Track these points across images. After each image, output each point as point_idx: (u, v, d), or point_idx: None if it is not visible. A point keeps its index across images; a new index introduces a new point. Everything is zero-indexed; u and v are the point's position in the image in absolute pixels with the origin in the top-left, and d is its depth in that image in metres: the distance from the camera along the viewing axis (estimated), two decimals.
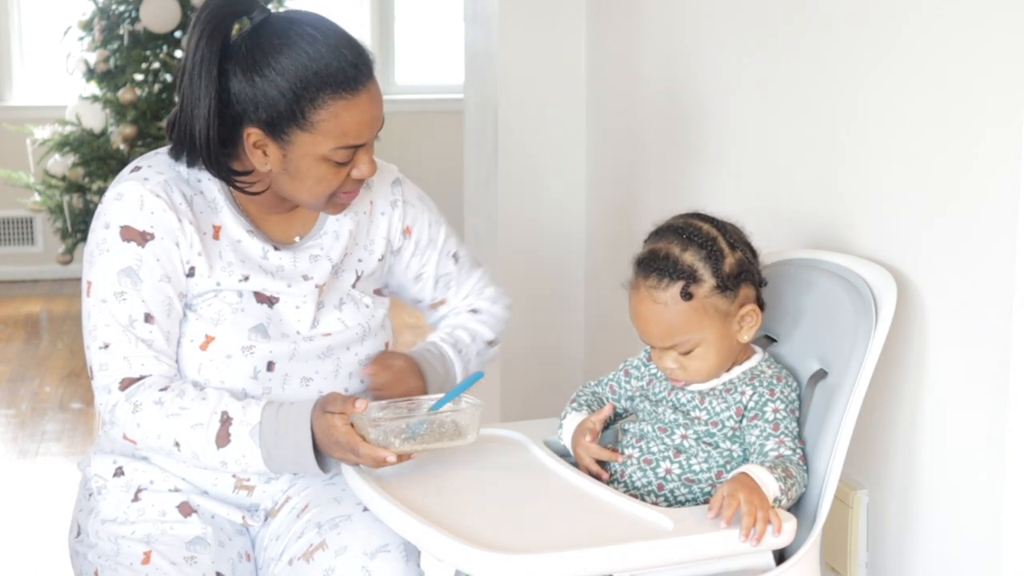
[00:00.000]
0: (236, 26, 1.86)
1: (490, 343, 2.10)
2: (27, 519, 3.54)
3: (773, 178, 2.24)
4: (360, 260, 2.01)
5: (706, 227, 1.77)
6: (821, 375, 1.81)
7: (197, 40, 1.81)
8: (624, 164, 2.99)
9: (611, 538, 1.63)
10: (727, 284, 1.74)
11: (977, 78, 1.66)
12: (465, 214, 3.66)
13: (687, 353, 1.76)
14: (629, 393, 1.91)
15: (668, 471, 1.79)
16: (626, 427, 1.87)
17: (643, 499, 1.78)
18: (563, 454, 1.92)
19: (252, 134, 1.83)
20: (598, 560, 1.60)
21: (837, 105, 2.01)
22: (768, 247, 2.11)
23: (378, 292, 2.04)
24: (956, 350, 1.74)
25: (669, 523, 1.66)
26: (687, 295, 1.73)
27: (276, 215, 1.96)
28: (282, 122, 1.81)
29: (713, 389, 1.79)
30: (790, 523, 1.66)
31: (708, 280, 1.73)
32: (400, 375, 1.95)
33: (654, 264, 1.74)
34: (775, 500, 1.67)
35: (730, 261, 1.75)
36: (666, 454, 1.79)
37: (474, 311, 2.11)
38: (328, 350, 1.94)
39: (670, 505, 1.77)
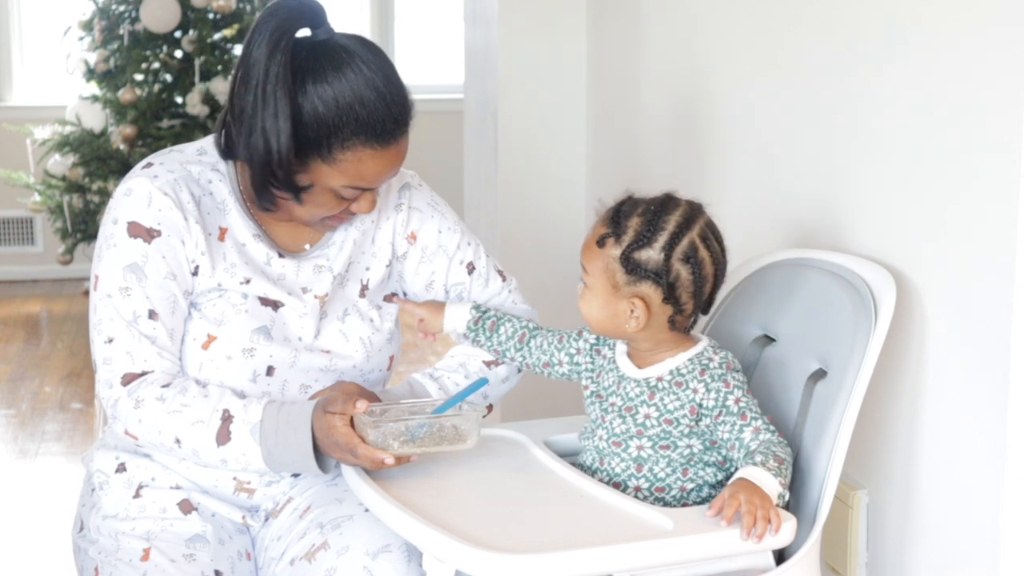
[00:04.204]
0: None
1: (489, 363, 2.03)
2: (27, 519, 3.54)
3: (773, 177, 2.24)
4: (368, 268, 2.01)
5: (673, 218, 1.76)
6: (820, 375, 1.81)
7: (269, 53, 1.78)
8: (624, 164, 2.99)
9: (611, 538, 1.63)
10: (629, 265, 1.75)
11: (977, 78, 1.66)
12: (465, 214, 3.66)
13: (586, 288, 1.81)
14: (573, 351, 1.91)
15: (637, 489, 1.79)
16: (583, 441, 1.86)
17: None
18: (563, 454, 1.92)
19: None
20: (598, 560, 1.60)
21: (837, 105, 2.01)
22: (768, 247, 2.11)
23: (390, 299, 2.04)
24: (956, 350, 1.74)
25: (669, 523, 1.66)
26: (601, 241, 1.78)
27: (286, 222, 1.96)
28: (307, 147, 1.81)
29: (660, 380, 1.78)
30: (790, 523, 1.66)
31: (620, 247, 1.76)
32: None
33: (619, 205, 1.81)
34: (779, 496, 1.67)
35: (650, 255, 1.75)
36: (630, 471, 1.79)
37: None
38: (329, 363, 1.95)
39: None
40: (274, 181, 1.84)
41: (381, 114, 1.80)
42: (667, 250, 1.74)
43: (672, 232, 1.75)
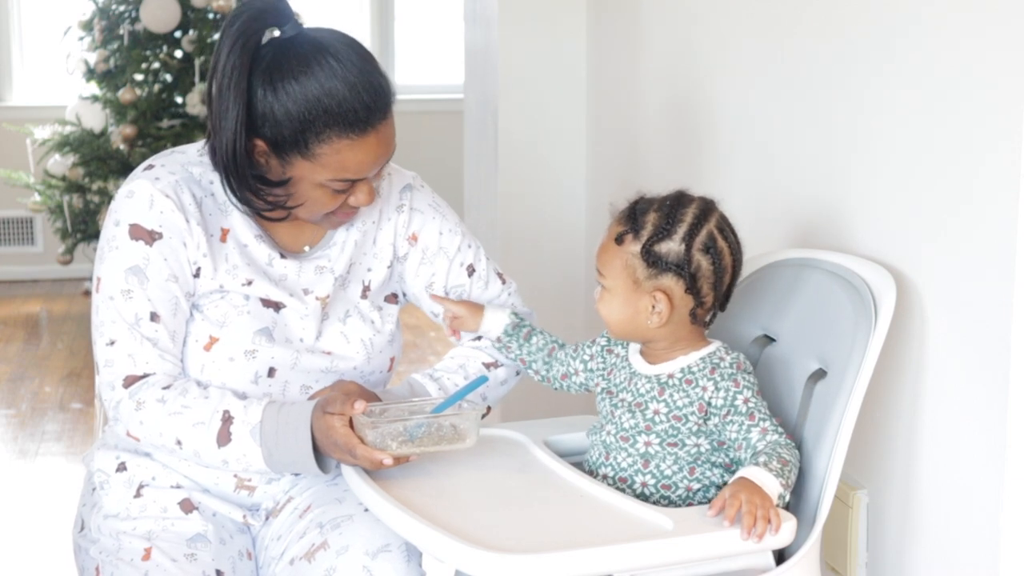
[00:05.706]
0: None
1: (488, 365, 2.04)
2: (27, 519, 3.54)
3: (773, 177, 2.24)
4: (369, 269, 2.01)
5: (690, 211, 1.78)
6: (820, 375, 1.81)
7: (228, 51, 1.80)
8: (624, 164, 2.99)
9: (611, 538, 1.63)
10: (650, 259, 1.76)
11: (977, 78, 1.66)
12: (465, 214, 3.66)
13: (604, 290, 1.82)
14: (587, 357, 1.92)
15: (644, 485, 1.79)
16: (591, 437, 1.86)
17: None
18: (563, 454, 1.92)
19: (258, 145, 1.84)
20: (598, 560, 1.60)
21: (838, 104, 2.01)
22: (767, 247, 2.11)
23: (391, 300, 2.04)
24: (956, 350, 1.74)
25: (669, 523, 1.66)
26: (620, 239, 1.79)
27: (287, 223, 1.96)
28: (284, 145, 1.82)
29: (671, 377, 1.79)
30: (789, 523, 1.66)
31: (640, 242, 1.77)
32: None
33: (633, 204, 1.82)
34: (779, 496, 1.67)
35: (671, 246, 1.76)
36: (636, 467, 1.79)
37: (478, 337, 2.07)
38: (330, 364, 1.95)
39: None
40: (241, 181, 1.84)
41: (351, 103, 1.80)
42: (687, 240, 1.76)
43: (691, 223, 1.77)
